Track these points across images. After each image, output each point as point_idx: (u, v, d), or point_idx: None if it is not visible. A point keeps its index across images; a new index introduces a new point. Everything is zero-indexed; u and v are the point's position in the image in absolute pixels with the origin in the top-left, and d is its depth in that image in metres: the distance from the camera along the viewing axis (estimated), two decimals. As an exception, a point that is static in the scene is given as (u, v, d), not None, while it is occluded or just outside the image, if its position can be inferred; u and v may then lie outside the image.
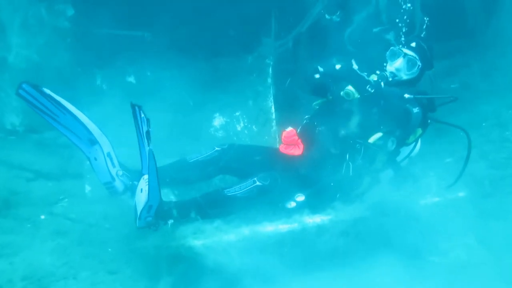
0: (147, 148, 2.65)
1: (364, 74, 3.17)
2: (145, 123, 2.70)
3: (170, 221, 2.91)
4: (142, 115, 2.72)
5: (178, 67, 4.41)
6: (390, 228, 3.09)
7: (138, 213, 2.80)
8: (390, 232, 3.09)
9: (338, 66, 3.16)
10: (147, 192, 2.70)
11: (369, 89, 3.09)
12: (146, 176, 2.80)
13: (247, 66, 4.43)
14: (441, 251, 3.09)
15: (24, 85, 2.93)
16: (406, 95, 3.16)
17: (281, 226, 2.98)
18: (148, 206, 2.76)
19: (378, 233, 3.13)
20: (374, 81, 3.17)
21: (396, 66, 3.30)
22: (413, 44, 3.31)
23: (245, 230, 2.90)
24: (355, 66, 3.14)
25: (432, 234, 3.14)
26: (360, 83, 3.11)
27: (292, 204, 3.10)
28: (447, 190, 3.38)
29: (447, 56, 5.50)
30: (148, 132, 2.68)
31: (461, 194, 3.36)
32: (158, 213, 2.84)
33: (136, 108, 2.73)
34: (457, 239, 3.11)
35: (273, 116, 4.19)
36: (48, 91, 2.96)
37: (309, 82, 3.32)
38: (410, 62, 3.28)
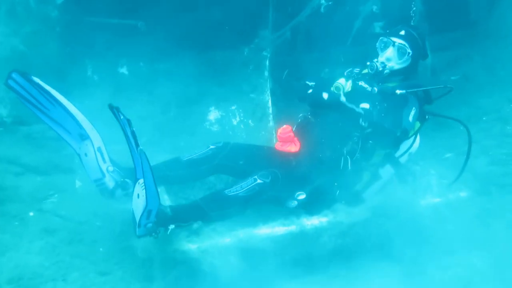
0: (137, 149, 2.51)
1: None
2: (127, 125, 2.57)
3: (171, 227, 2.78)
4: (122, 117, 2.59)
5: (173, 58, 4.27)
6: (390, 230, 3.01)
7: (137, 220, 2.64)
8: (389, 234, 3.02)
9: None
10: (144, 196, 2.55)
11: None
12: (141, 181, 2.64)
13: (244, 58, 4.29)
14: (442, 263, 3.00)
15: (13, 75, 2.81)
16: (398, 91, 3.08)
17: (277, 229, 2.88)
18: (147, 212, 2.61)
19: (377, 235, 3.05)
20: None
21: (387, 55, 3.25)
22: (402, 32, 3.25)
23: (241, 233, 2.81)
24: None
25: (433, 239, 3.05)
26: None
27: (294, 203, 3.02)
28: (448, 189, 3.30)
29: (448, 47, 5.41)
30: (133, 132, 2.55)
31: (462, 194, 3.28)
32: (158, 218, 2.70)
33: (114, 110, 2.58)
34: (458, 247, 3.02)
35: (270, 111, 4.07)
36: (37, 80, 2.84)
37: (304, 99, 3.37)
38: (400, 50, 3.22)
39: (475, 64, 5.48)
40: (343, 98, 3.10)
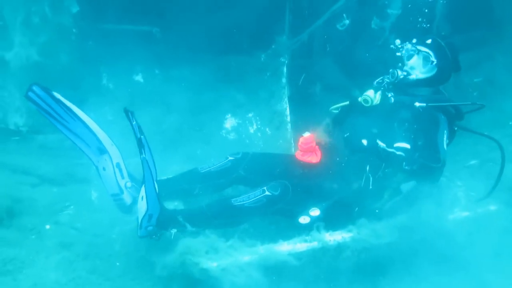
0: (141, 156, 2.58)
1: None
2: (137, 130, 2.65)
3: (173, 231, 2.79)
4: (134, 122, 2.67)
5: (188, 64, 4.19)
6: (416, 246, 2.89)
7: (139, 222, 2.73)
8: (416, 250, 2.90)
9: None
10: (146, 201, 2.63)
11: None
12: None
13: (260, 64, 4.18)
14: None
15: (34, 87, 2.77)
16: (417, 104, 2.96)
17: (299, 245, 2.79)
18: (148, 215, 2.69)
19: (402, 251, 2.92)
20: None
21: (411, 64, 3.13)
22: (429, 41, 3.13)
23: (261, 249, 2.73)
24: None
25: (462, 256, 2.91)
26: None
27: (306, 219, 2.91)
28: (477, 203, 3.15)
29: (470, 47, 5.18)
30: (140, 140, 2.62)
31: (492, 207, 3.12)
32: (160, 222, 2.74)
33: (129, 114, 2.67)
34: (489, 268, 2.87)
35: (288, 119, 3.96)
36: (58, 96, 2.81)
37: None
38: (424, 59, 3.09)
39: (499, 65, 5.26)
40: (382, 144, 2.92)
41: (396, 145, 2.89)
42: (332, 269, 2.88)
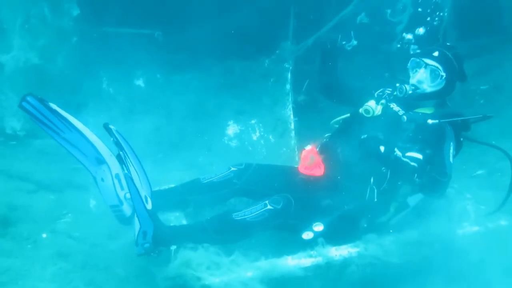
0: (123, 173, 2.52)
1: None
2: (116, 146, 2.60)
3: (173, 247, 2.71)
4: (112, 138, 2.63)
5: (190, 69, 4.12)
6: (423, 261, 2.81)
7: (135, 239, 2.67)
8: (423, 266, 2.81)
9: None
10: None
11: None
12: None
13: (264, 70, 4.10)
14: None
15: (28, 98, 2.67)
16: (430, 121, 2.85)
17: (304, 260, 2.70)
18: (142, 232, 2.64)
19: (410, 266, 2.84)
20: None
21: (418, 77, 2.97)
22: (436, 53, 2.96)
23: (264, 264, 2.64)
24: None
25: (472, 273, 2.82)
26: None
27: (310, 235, 2.81)
28: (487, 217, 3.06)
29: (477, 54, 5.11)
30: (118, 156, 2.55)
31: (502, 222, 3.02)
32: (157, 238, 2.67)
33: (110, 130, 2.64)
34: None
35: (292, 126, 3.87)
36: (54, 106, 2.71)
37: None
38: (432, 73, 2.95)
39: (507, 72, 5.18)
40: (398, 153, 2.74)
41: (408, 154, 2.77)
42: (338, 284, 2.79)
